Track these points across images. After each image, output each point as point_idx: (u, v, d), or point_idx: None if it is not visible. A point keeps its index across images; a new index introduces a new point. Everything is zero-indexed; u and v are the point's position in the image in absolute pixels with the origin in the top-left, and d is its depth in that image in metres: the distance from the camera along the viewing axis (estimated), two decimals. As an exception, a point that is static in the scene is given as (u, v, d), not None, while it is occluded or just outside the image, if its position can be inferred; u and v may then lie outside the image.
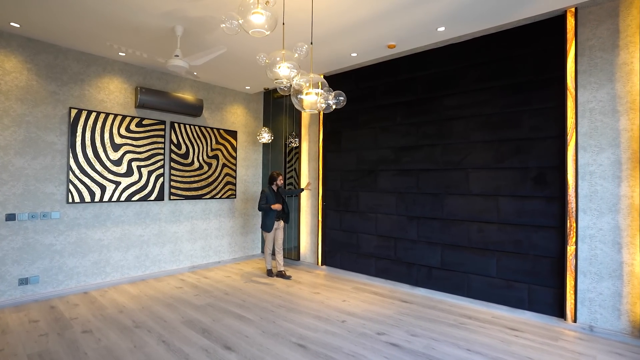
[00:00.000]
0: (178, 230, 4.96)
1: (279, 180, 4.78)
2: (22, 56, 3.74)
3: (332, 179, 5.09)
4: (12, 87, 3.67)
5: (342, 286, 4.42)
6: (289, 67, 2.42)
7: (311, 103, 2.28)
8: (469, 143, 3.81)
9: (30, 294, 3.77)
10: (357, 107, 4.83)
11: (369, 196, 4.67)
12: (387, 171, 4.49)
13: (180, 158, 4.94)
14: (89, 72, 4.18)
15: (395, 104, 4.44)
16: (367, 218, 4.68)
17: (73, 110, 4.01)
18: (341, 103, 2.30)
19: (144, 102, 4.43)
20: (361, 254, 4.74)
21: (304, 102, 2.31)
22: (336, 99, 2.26)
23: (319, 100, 2.21)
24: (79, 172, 4.05)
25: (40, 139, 3.84)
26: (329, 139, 5.15)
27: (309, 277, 4.83)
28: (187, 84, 5.08)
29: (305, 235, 5.45)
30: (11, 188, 3.66)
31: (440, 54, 4.03)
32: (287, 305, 3.72)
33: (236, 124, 5.71)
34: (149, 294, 4.03)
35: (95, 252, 4.22)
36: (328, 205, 5.13)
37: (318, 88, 2.26)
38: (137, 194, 4.52)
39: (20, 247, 3.71)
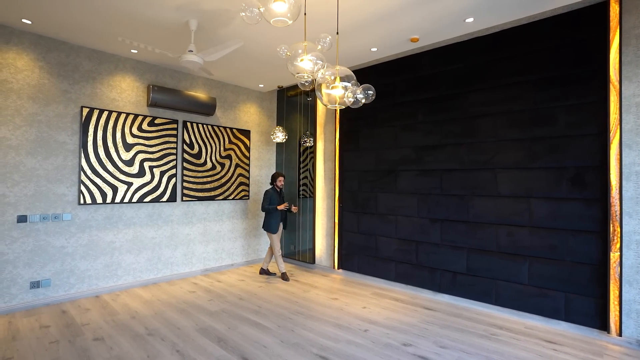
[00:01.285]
0: (191, 232, 4.83)
1: (277, 181, 4.70)
2: (34, 54, 3.65)
3: (349, 179, 4.90)
4: (24, 85, 3.58)
5: (361, 291, 4.23)
6: (312, 59, 2.25)
7: (338, 97, 2.11)
8: (497, 141, 3.59)
9: (41, 297, 3.67)
10: (375, 104, 4.63)
11: (388, 197, 4.47)
12: (408, 171, 4.29)
13: (192, 158, 4.82)
14: (101, 70, 4.07)
15: (416, 101, 4.24)
16: (386, 220, 4.49)
17: (85, 109, 3.90)
18: (370, 97, 2.12)
19: (156, 101, 4.31)
20: (380, 257, 4.54)
21: (329, 96, 2.13)
22: (365, 93, 2.08)
23: (346, 94, 2.03)
24: (90, 173, 3.94)
25: (52, 139, 3.74)
26: (346, 138, 4.97)
27: (325, 281, 4.65)
28: (200, 82, 4.96)
29: (320, 237, 5.27)
30: (23, 189, 3.56)
31: (465, 47, 3.82)
32: (305, 312, 3.55)
33: (249, 123, 5.57)
34: (161, 299, 3.90)
35: (107, 254, 4.11)
36: (345, 207, 4.94)
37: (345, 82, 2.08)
38: (149, 195, 4.40)
39: (31, 250, 3.61)
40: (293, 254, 5.70)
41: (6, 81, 3.49)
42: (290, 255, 5.74)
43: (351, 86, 2.05)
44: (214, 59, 3.27)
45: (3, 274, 3.46)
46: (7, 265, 3.49)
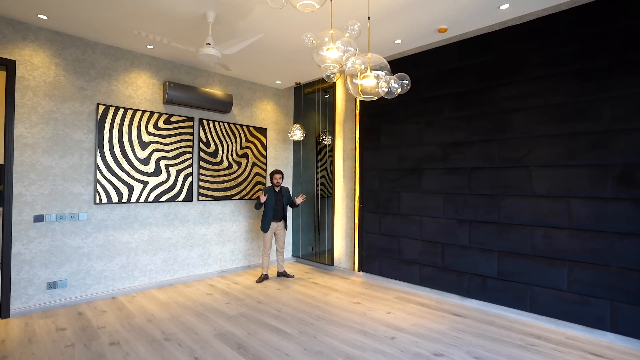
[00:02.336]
0: (207, 232, 4.72)
1: (273, 179, 4.57)
2: (50, 50, 3.58)
3: (370, 178, 4.72)
4: (40, 82, 3.51)
5: (384, 295, 4.05)
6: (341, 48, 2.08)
7: (369, 88, 1.93)
8: (532, 137, 3.35)
9: (58, 298, 3.60)
10: (398, 100, 4.43)
11: (412, 197, 4.27)
12: (433, 170, 4.08)
13: (209, 156, 4.70)
14: (117, 67, 3.99)
15: (442, 96, 4.03)
16: (410, 221, 4.28)
17: (101, 107, 3.82)
18: (405, 87, 1.94)
19: (172, 98, 4.21)
20: (403, 260, 4.34)
21: (360, 87, 1.96)
22: (399, 83, 1.90)
23: (380, 84, 1.86)
24: (106, 172, 3.86)
25: (68, 137, 3.67)
26: (366, 135, 4.78)
27: (345, 284, 4.48)
28: (216, 79, 4.84)
29: (339, 238, 5.10)
30: (39, 188, 3.50)
31: (496, 37, 3.59)
32: (327, 317, 3.39)
33: (266, 121, 5.43)
34: (178, 301, 3.79)
35: (123, 255, 4.02)
36: (365, 207, 4.76)
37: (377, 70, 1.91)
38: (165, 195, 4.30)
39: (48, 250, 3.55)
40: (311, 256, 5.54)
41: (23, 78, 3.43)
42: (308, 256, 5.58)
43: (384, 75, 1.87)
44: (233, 52, 3.14)
45: (20, 274, 3.41)
46: (24, 266, 3.43)
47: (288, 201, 4.71)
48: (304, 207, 5.62)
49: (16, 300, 3.39)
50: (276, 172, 4.57)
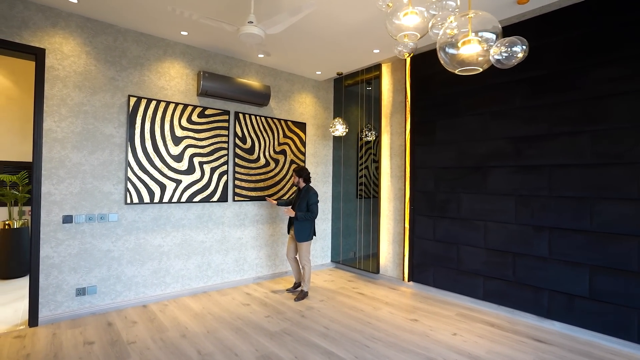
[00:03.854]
0: (243, 235, 4.36)
1: (293, 178, 3.90)
2: (81, 38, 3.31)
3: (423, 177, 4.20)
4: (70, 72, 3.25)
5: (443, 311, 3.53)
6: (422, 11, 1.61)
7: (472, 57, 1.45)
8: (638, 128, 2.74)
9: (87, 305, 3.33)
10: (457, 89, 3.90)
11: (474, 199, 3.72)
12: (502, 168, 3.52)
13: (245, 153, 4.34)
14: (149, 56, 3.69)
15: (512, 82, 3.46)
16: (472, 226, 3.74)
17: (132, 99, 3.53)
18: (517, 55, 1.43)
19: (207, 89, 3.87)
20: (463, 271, 3.80)
21: (459, 57, 1.49)
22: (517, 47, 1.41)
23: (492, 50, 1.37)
24: (137, 169, 3.56)
25: (98, 131, 3.39)
26: (418, 129, 4.26)
27: (395, 296, 3.98)
28: (253, 70, 4.47)
29: (385, 244, 4.61)
30: (68, 186, 3.23)
31: (588, 9, 3.00)
32: (384, 338, 2.91)
33: (305, 115, 5.02)
34: (213, 312, 3.43)
35: (155, 259, 3.72)
36: (417, 210, 4.24)
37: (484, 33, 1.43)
38: (199, 194, 3.97)
39: (77, 254, 3.28)
40: (353, 262, 5.07)
41: (52, 68, 3.17)
42: (350, 262, 5.12)
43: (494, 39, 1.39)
44: (278, 31, 2.73)
45: (49, 279, 3.15)
46: (53, 270, 3.17)
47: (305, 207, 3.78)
48: (344, 208, 5.16)
49: (44, 307, 3.13)
50: (296, 168, 3.90)
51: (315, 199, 3.79)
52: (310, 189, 3.83)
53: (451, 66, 1.52)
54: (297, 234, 3.77)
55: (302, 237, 3.78)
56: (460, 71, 1.53)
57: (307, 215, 3.74)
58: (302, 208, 3.77)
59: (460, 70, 1.53)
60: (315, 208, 3.77)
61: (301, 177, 3.86)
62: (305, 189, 3.84)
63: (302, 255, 3.82)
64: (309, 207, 3.76)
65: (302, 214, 3.73)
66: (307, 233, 3.80)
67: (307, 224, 3.80)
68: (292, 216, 3.77)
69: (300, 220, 3.76)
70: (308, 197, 3.77)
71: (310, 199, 3.77)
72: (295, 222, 3.77)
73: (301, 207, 3.77)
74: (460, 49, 1.48)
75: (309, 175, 3.89)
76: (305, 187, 3.86)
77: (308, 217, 3.75)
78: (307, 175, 3.88)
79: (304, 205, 3.77)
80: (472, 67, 1.46)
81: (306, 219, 3.75)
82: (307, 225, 3.80)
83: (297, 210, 3.75)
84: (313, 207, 3.77)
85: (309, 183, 3.90)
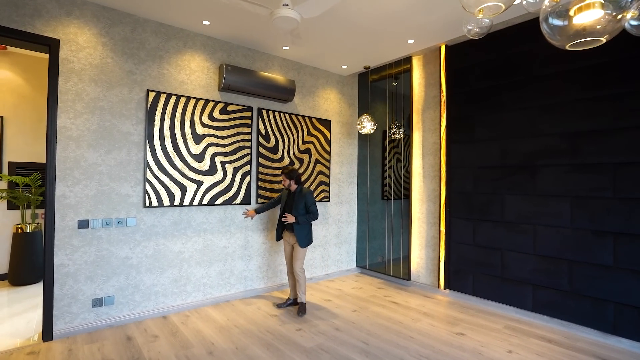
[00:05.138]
0: (267, 240, 4.09)
1: (283, 181, 3.51)
2: (97, 28, 3.07)
3: (460, 177, 3.89)
4: (86, 65, 3.01)
5: (489, 323, 3.21)
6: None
7: (591, 25, 1.16)
8: None
9: (104, 317, 3.08)
10: (499, 81, 3.59)
11: (521, 200, 3.40)
12: (554, 166, 3.20)
13: (268, 152, 4.07)
14: (168, 48, 3.44)
15: (566, 73, 3.14)
16: (518, 230, 3.42)
17: (151, 94, 3.28)
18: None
19: (229, 83, 3.61)
20: (509, 278, 3.48)
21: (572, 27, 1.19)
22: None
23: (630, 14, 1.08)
24: (157, 169, 3.31)
25: (115, 129, 3.14)
26: (454, 126, 3.95)
27: (432, 305, 3.68)
28: (276, 63, 4.20)
29: (417, 248, 4.30)
30: (84, 188, 2.99)
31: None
32: (432, 356, 2.61)
33: (329, 112, 4.74)
34: (239, 324, 3.16)
35: (175, 267, 3.46)
36: (454, 212, 3.93)
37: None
38: (221, 197, 3.71)
39: (93, 261, 3.03)
40: (380, 267, 4.77)
41: (67, 60, 2.93)
42: (378, 268, 4.82)
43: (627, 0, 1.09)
44: (316, 14, 2.45)
45: (63, 290, 2.91)
46: (68, 279, 2.92)
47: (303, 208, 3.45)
48: (370, 211, 4.87)
49: (59, 319, 2.89)
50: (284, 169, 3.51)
51: (314, 199, 3.49)
52: (304, 189, 3.50)
53: (559, 40, 1.23)
54: (300, 239, 3.41)
55: (304, 242, 3.44)
56: (572, 45, 1.24)
57: (309, 217, 3.42)
58: (300, 211, 3.42)
59: (573, 45, 1.23)
60: (315, 208, 3.46)
61: (292, 179, 3.47)
62: (298, 190, 3.49)
63: (298, 261, 3.47)
64: (308, 208, 3.44)
65: (304, 217, 3.41)
66: (309, 238, 3.49)
67: (308, 227, 3.50)
68: (292, 222, 3.41)
69: (302, 225, 3.44)
70: (305, 199, 3.44)
71: (308, 199, 3.44)
72: (297, 226, 3.42)
73: (298, 209, 3.42)
74: (575, 17, 1.19)
75: (299, 176, 3.53)
76: (299, 188, 3.50)
77: (310, 219, 3.44)
78: (299, 176, 3.52)
79: (302, 207, 3.43)
80: (590, 38, 1.17)
81: (308, 221, 3.45)
82: (307, 228, 3.49)
83: (295, 214, 3.41)
84: (313, 208, 3.44)
85: (301, 184, 3.57)
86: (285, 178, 3.47)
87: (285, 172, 3.48)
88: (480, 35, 1.79)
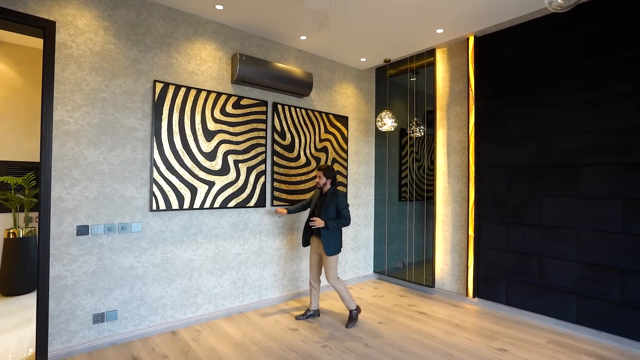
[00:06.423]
0: (282, 246, 3.78)
1: (317, 179, 3.22)
2: (98, 10, 2.74)
3: (491, 178, 3.61)
4: (86, 51, 2.68)
5: (529, 337, 2.94)
6: None
7: None
8: None
9: (106, 335, 2.75)
10: (534, 74, 3.32)
11: (561, 203, 3.13)
12: (601, 166, 2.93)
13: (284, 151, 3.76)
14: (177, 35, 3.12)
15: (614, 63, 2.88)
16: (558, 235, 3.15)
17: (158, 85, 2.96)
18: None
19: (244, 75, 3.30)
20: (548, 287, 3.21)
21: None
22: None
23: None
24: (164, 169, 2.99)
25: (119, 123, 2.82)
26: (484, 122, 3.68)
27: (462, 316, 3.39)
28: (292, 55, 3.90)
29: (442, 253, 4.02)
30: (83, 190, 2.66)
31: None
32: (480, 379, 2.33)
33: (346, 108, 4.44)
34: (257, 340, 2.85)
35: (185, 276, 3.14)
36: (483, 215, 3.66)
37: None
38: (234, 199, 3.39)
39: (94, 272, 2.70)
40: (399, 273, 4.48)
41: (64, 45, 2.60)
42: (397, 274, 4.52)
43: None
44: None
45: (60, 305, 2.57)
46: (65, 293, 2.59)
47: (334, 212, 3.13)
48: (389, 213, 4.58)
49: (55, 339, 2.55)
50: (321, 167, 3.22)
51: (346, 202, 3.16)
52: (338, 191, 3.18)
53: None
54: (327, 246, 3.08)
55: (333, 249, 3.12)
56: None
57: (340, 222, 3.08)
58: (330, 214, 3.11)
59: None
60: (347, 213, 3.12)
61: (329, 178, 3.17)
62: (330, 191, 3.18)
63: (331, 271, 3.15)
64: (339, 212, 3.11)
65: (334, 222, 3.07)
66: (338, 244, 3.16)
67: (337, 234, 3.16)
68: (321, 227, 3.09)
69: (331, 230, 3.12)
70: (337, 201, 3.11)
71: (340, 202, 3.11)
72: (324, 232, 3.10)
73: (329, 213, 3.10)
74: None
75: (336, 176, 3.24)
76: (331, 189, 3.19)
77: (341, 224, 3.09)
78: (335, 176, 3.22)
79: (333, 211, 3.11)
80: None
81: (339, 227, 3.11)
82: (337, 235, 3.15)
83: (325, 218, 3.10)
84: (345, 212, 3.10)
85: (336, 185, 3.26)
86: (322, 175, 3.17)
87: (323, 168, 3.17)
88: (564, 9, 1.50)
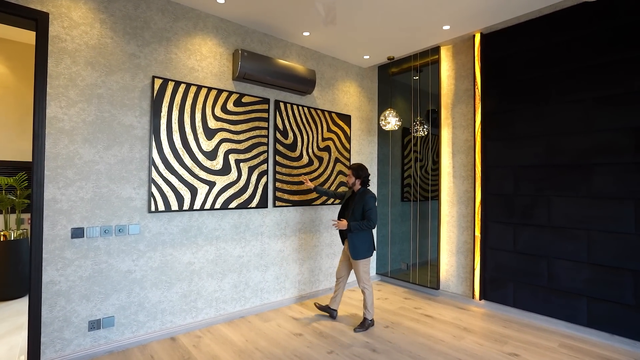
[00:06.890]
0: (284, 248, 3.67)
1: (347, 177, 3.17)
2: (94, 2, 2.61)
3: (498, 178, 3.54)
4: (81, 45, 2.55)
5: (540, 340, 2.87)
6: None
7: None
8: None
9: (103, 342, 2.62)
10: (544, 72, 3.25)
11: (571, 203, 3.07)
12: (613, 165, 2.87)
13: (286, 150, 3.66)
14: (176, 29, 3.00)
15: (627, 61, 2.82)
16: (568, 236, 3.09)
17: (157, 81, 2.83)
18: None
19: (245, 71, 3.19)
20: (557, 289, 3.15)
21: None
22: None
23: None
24: (163, 169, 2.87)
25: (115, 121, 2.69)
26: (491, 121, 3.61)
27: (470, 319, 3.32)
28: (294, 51, 3.79)
29: (447, 255, 3.95)
30: (78, 191, 2.53)
31: None
32: (495, 386, 2.24)
33: (349, 107, 4.34)
34: (260, 346, 2.74)
35: (185, 280, 3.02)
36: (490, 215, 3.59)
37: None
38: (235, 199, 3.28)
39: (89, 276, 2.57)
40: (404, 274, 4.39)
41: (58, 38, 2.47)
42: (400, 275, 4.44)
43: None
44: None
45: (54, 312, 2.44)
46: (59, 299, 2.46)
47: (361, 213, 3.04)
48: (391, 213, 4.50)
49: (49, 348, 2.42)
50: (352, 166, 3.16)
51: (373, 204, 3.04)
52: (367, 192, 3.09)
53: None
54: (353, 249, 3.01)
55: (358, 254, 3.03)
56: None
57: (363, 224, 2.97)
58: (357, 216, 3.02)
59: None
60: (374, 215, 2.99)
61: (359, 177, 3.10)
62: (360, 191, 3.10)
63: (361, 276, 3.08)
64: (365, 213, 3.01)
65: (357, 223, 2.97)
66: (366, 247, 3.07)
67: (365, 236, 3.05)
68: (343, 229, 3.04)
69: (356, 232, 3.04)
70: (364, 202, 3.01)
71: (367, 203, 3.00)
72: (349, 234, 3.03)
73: (356, 214, 3.02)
74: None
75: (368, 176, 3.17)
76: (362, 189, 3.12)
77: (365, 226, 2.98)
78: (367, 176, 3.15)
79: (360, 212, 3.02)
80: None
81: (362, 229, 2.99)
82: (364, 237, 3.05)
83: (352, 219, 3.02)
84: (371, 214, 2.98)
85: (366, 186, 3.18)
86: (352, 175, 3.10)
87: (354, 167, 3.11)
88: (594, -1, 1.42)
